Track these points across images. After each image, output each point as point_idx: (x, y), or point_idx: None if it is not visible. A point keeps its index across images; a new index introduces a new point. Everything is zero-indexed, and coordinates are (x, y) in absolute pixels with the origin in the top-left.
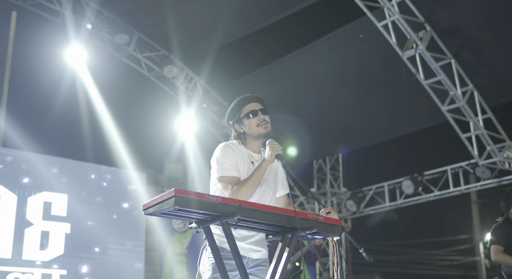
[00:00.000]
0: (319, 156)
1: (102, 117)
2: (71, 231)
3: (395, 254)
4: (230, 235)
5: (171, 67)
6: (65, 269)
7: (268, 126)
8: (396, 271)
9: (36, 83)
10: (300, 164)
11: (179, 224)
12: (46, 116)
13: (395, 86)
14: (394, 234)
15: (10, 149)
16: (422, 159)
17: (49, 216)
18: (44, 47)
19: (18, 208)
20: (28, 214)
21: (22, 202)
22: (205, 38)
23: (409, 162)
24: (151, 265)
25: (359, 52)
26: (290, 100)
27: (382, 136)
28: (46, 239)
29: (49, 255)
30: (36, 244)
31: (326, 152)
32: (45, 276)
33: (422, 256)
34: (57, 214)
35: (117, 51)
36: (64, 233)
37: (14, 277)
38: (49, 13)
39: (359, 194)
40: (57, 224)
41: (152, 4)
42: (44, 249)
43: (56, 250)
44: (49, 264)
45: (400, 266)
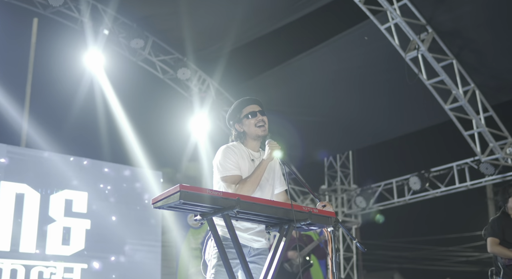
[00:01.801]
0: (330, 153)
1: (119, 119)
2: (91, 227)
3: (410, 250)
4: (231, 226)
5: (184, 69)
6: (86, 263)
7: (265, 128)
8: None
9: (56, 87)
10: (311, 162)
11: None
12: (66, 118)
13: (400, 86)
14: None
15: (33, 150)
16: (428, 156)
17: (70, 213)
18: (64, 52)
19: (41, 205)
20: (51, 211)
21: (45, 199)
22: (217, 42)
23: (416, 159)
24: (167, 261)
25: (364, 54)
26: (299, 101)
27: (389, 134)
28: (67, 234)
29: (70, 250)
30: (58, 239)
31: (336, 150)
32: (67, 269)
33: (438, 252)
34: (78, 211)
35: (133, 55)
36: (85, 229)
37: (38, 270)
38: (68, 20)
39: (369, 191)
40: (78, 221)
41: (165, 9)
42: (66, 244)
43: (77, 245)
44: (71, 259)
45: (416, 262)
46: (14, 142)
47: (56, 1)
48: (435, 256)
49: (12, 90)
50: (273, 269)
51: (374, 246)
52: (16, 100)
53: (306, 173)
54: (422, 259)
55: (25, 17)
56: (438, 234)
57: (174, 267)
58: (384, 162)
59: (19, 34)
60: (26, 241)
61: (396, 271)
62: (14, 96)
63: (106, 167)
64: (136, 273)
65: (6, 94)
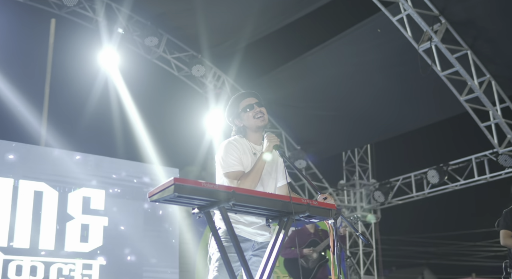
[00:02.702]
0: (347, 148)
1: (135, 117)
2: (109, 223)
3: (437, 246)
4: (227, 219)
5: (199, 66)
6: (104, 260)
7: (264, 118)
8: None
9: (73, 86)
10: (329, 156)
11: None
12: (83, 117)
13: (415, 78)
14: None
15: (51, 148)
16: (447, 149)
17: (88, 210)
18: (80, 51)
19: (59, 203)
20: (69, 209)
21: (63, 197)
22: (230, 38)
23: (435, 153)
24: (185, 258)
25: (378, 46)
26: (314, 95)
27: (405, 127)
28: (86, 231)
29: (89, 247)
30: (77, 236)
31: (353, 144)
32: (85, 266)
33: (465, 248)
34: (96, 208)
35: (147, 53)
36: (103, 225)
37: (57, 267)
38: (83, 19)
39: (387, 185)
40: (95, 218)
41: (179, 6)
42: (84, 241)
43: (96, 242)
44: (89, 255)
45: (443, 258)
46: (34, 141)
47: (71, 1)
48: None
49: (31, 90)
50: (271, 261)
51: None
52: (35, 100)
53: (324, 167)
54: (450, 254)
55: (42, 17)
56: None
57: (192, 263)
58: (403, 156)
59: (36, 35)
60: (45, 238)
61: (426, 267)
62: (33, 96)
63: (123, 164)
64: (153, 268)
65: (25, 94)
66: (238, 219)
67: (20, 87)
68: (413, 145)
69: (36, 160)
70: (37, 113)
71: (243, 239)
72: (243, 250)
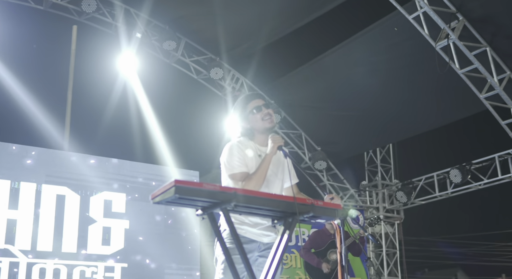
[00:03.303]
0: (368, 148)
1: (155, 120)
2: (130, 226)
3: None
4: (229, 220)
5: (217, 69)
6: (126, 262)
7: (272, 120)
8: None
9: (94, 92)
10: (350, 157)
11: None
12: (104, 121)
13: (434, 76)
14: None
15: (73, 153)
16: (469, 148)
17: (109, 214)
18: (100, 56)
19: (81, 206)
20: (91, 212)
21: (85, 201)
22: (247, 40)
23: (457, 152)
24: (208, 260)
25: (396, 45)
26: (333, 95)
27: (426, 126)
28: (107, 234)
29: (111, 249)
30: (98, 239)
31: (374, 144)
32: (107, 268)
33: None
34: (117, 211)
35: (166, 57)
36: (124, 228)
37: (80, 270)
38: (102, 25)
39: (410, 185)
40: (117, 221)
41: (196, 10)
42: (106, 244)
43: (117, 245)
44: (111, 258)
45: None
46: (57, 146)
47: (89, 7)
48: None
49: (54, 96)
50: (276, 261)
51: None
52: (58, 106)
53: (346, 168)
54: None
55: (63, 24)
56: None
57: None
58: (425, 155)
59: (58, 42)
60: (68, 241)
61: (459, 268)
62: (56, 102)
63: (143, 168)
64: (175, 271)
65: (48, 100)
66: (243, 220)
67: (43, 93)
68: (435, 144)
69: (58, 164)
70: (60, 118)
71: (248, 240)
72: (249, 251)
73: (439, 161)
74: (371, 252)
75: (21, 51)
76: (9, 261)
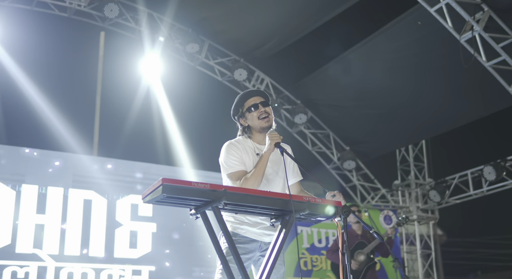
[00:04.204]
0: (398, 146)
1: (183, 123)
2: (157, 230)
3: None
4: (221, 220)
5: (241, 70)
6: (153, 265)
7: (269, 119)
8: None
9: (120, 96)
10: (380, 156)
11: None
12: (131, 125)
13: (462, 70)
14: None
15: (102, 157)
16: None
17: (136, 217)
18: (125, 61)
19: (108, 210)
20: (118, 216)
21: (111, 205)
22: (271, 39)
23: (491, 148)
24: None
25: (420, 39)
26: (360, 94)
27: (458, 122)
28: (134, 238)
29: (138, 253)
30: (126, 243)
31: (404, 142)
32: (135, 272)
33: None
34: (144, 215)
35: (190, 60)
36: (151, 232)
37: (107, 273)
38: (126, 30)
39: (443, 184)
40: (144, 224)
41: (219, 11)
42: (133, 247)
43: (144, 248)
44: (139, 261)
45: None
46: (85, 151)
47: (112, 13)
48: None
49: (83, 102)
50: (272, 260)
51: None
52: (87, 112)
53: (377, 168)
54: None
55: (89, 31)
56: None
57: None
58: (459, 152)
59: (84, 48)
60: (95, 245)
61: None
62: (84, 108)
63: (168, 171)
64: (202, 274)
65: (78, 106)
66: (242, 220)
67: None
68: (468, 141)
69: (84, 168)
70: (89, 124)
71: (248, 240)
72: (250, 251)
73: (473, 158)
74: (405, 253)
75: (49, 58)
76: (38, 265)
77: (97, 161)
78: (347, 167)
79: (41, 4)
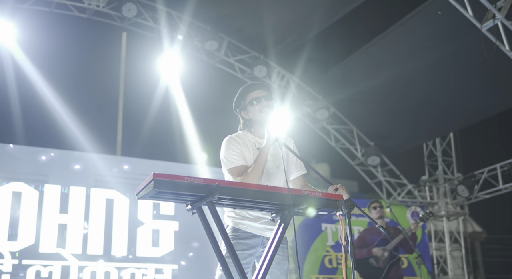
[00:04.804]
0: (425, 139)
1: (203, 121)
2: (180, 228)
3: None
4: (215, 214)
5: (260, 67)
6: (176, 264)
7: (271, 113)
8: None
9: (141, 96)
10: (406, 150)
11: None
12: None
13: (486, 60)
14: None
15: (123, 157)
16: None
17: (158, 216)
18: (145, 61)
19: (130, 209)
20: (140, 215)
21: (133, 204)
22: (290, 35)
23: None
24: None
25: (441, 30)
26: (382, 87)
27: (485, 113)
28: (157, 236)
29: (160, 252)
30: (148, 241)
31: (431, 135)
32: (158, 270)
33: None
34: (166, 214)
35: (210, 58)
36: (173, 230)
37: (130, 272)
38: (145, 30)
39: (472, 178)
40: (166, 223)
41: (237, 8)
42: (156, 246)
43: (167, 247)
44: (161, 260)
45: None
46: (109, 151)
47: (130, 13)
48: None
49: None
50: (269, 255)
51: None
52: (110, 112)
53: (403, 163)
54: None
55: (109, 32)
56: None
57: None
58: (487, 145)
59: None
60: (118, 244)
61: None
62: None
63: (191, 170)
64: None
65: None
66: (243, 215)
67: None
68: (497, 133)
69: (106, 168)
70: (112, 124)
71: (250, 235)
72: (252, 246)
73: (502, 151)
74: (434, 251)
75: (70, 60)
76: (61, 264)
77: (118, 160)
78: (371, 163)
79: (60, 6)
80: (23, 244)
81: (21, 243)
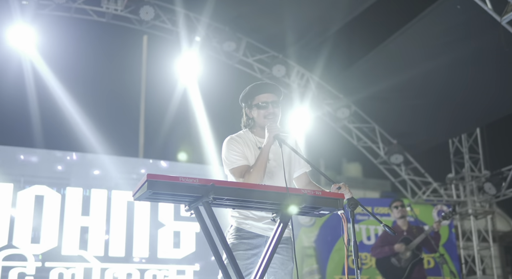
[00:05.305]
0: (448, 136)
1: (223, 122)
2: (201, 229)
3: None
4: (211, 215)
5: (279, 66)
6: (198, 265)
7: (275, 121)
8: None
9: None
10: (431, 147)
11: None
12: (173, 127)
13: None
14: None
15: (147, 159)
16: None
17: (179, 217)
18: (164, 64)
19: (151, 211)
20: (160, 216)
21: (154, 206)
22: (308, 34)
23: None
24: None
25: (461, 24)
26: (403, 84)
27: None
28: (178, 238)
29: (182, 253)
30: (169, 243)
31: (455, 132)
32: (179, 272)
33: None
34: (187, 215)
35: (229, 58)
36: (194, 232)
37: (152, 274)
38: (164, 32)
39: (499, 176)
40: (187, 224)
41: (254, 7)
42: (177, 247)
43: (188, 248)
44: (183, 261)
45: None
46: (132, 154)
47: (147, 15)
48: None
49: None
50: (268, 255)
51: None
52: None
53: (428, 161)
54: None
55: (128, 35)
56: None
57: None
58: None
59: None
60: (139, 246)
61: None
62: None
63: (212, 170)
64: None
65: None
66: (247, 215)
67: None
68: None
69: (127, 170)
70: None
71: (254, 235)
72: (256, 246)
73: None
74: (461, 250)
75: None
76: (84, 267)
77: (138, 163)
78: (394, 161)
79: (79, 11)
80: (46, 246)
81: (44, 246)
